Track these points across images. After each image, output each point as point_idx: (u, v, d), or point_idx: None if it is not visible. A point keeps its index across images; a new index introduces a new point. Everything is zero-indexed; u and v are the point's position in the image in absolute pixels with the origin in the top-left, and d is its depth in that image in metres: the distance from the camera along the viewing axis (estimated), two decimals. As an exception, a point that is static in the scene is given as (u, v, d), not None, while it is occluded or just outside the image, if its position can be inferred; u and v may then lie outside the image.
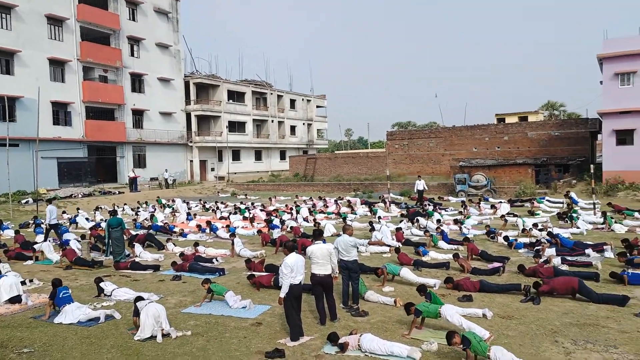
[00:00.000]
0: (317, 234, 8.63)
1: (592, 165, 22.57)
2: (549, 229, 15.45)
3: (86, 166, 39.07)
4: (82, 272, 12.90)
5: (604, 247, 12.65)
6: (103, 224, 17.95)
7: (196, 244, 15.40)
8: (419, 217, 18.84)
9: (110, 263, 13.63)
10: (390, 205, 24.57)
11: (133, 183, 37.09)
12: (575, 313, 8.28)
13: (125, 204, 28.42)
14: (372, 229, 16.41)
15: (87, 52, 37.99)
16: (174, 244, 16.18)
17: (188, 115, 47.85)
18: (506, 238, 14.64)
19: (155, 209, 26.65)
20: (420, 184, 26.60)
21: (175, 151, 46.38)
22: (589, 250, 12.49)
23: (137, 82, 43.12)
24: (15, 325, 8.59)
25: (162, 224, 20.51)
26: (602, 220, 17.20)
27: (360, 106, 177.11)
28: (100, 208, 27.25)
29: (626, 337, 7.11)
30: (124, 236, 14.56)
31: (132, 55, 42.54)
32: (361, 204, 26.23)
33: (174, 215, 24.41)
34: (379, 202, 26.14)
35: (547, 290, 9.09)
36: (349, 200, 27.00)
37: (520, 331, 7.52)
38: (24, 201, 29.73)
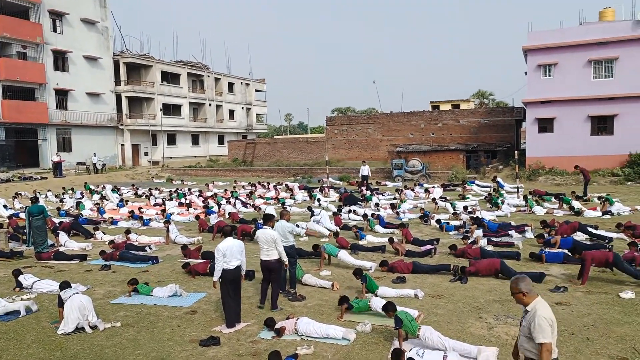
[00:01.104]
0: (266, 219, 8.41)
1: (516, 152, 23.97)
2: (477, 212, 16.31)
3: (4, 150, 36.16)
4: (-1, 264, 12.01)
5: (525, 228, 13.56)
6: (22, 214, 16.78)
7: (128, 231, 14.77)
8: (359, 202, 19.21)
9: (31, 253, 12.79)
10: (328, 191, 24.83)
11: (57, 168, 34.80)
12: (498, 290, 8.82)
13: (48, 190, 26.67)
14: (312, 214, 16.56)
15: (4, 26, 34.85)
16: (103, 232, 15.45)
17: (118, 97, 45.43)
18: (438, 221, 15.29)
19: (82, 196, 25.24)
20: (365, 169, 27.09)
21: (104, 134, 43.97)
22: (511, 232, 13.33)
23: (61, 60, 40.25)
24: None
25: (90, 212, 19.50)
26: (524, 203, 18.38)
27: (300, 91, 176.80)
28: (20, 194, 25.39)
29: (542, 311, 7.67)
30: (47, 225, 13.67)
31: (55, 31, 39.58)
32: (300, 189, 26.30)
33: (103, 202, 23.26)
34: (317, 188, 26.32)
35: (473, 272, 9.63)
36: (287, 185, 26.96)
37: (449, 309, 7.90)
38: None
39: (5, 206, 21.00)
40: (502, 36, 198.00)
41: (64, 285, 7.87)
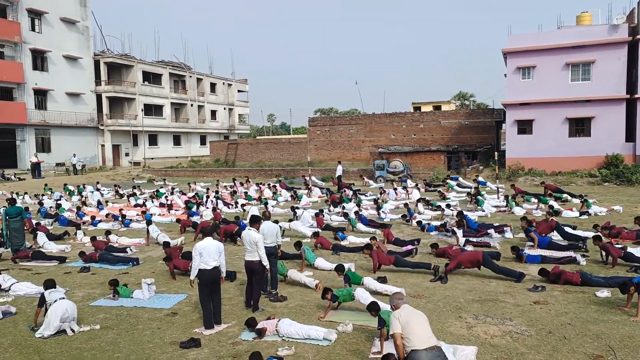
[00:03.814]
0: (252, 221, 8.39)
1: (496, 153, 24.33)
2: (457, 210, 16.56)
3: (-20, 150, 35.33)
4: (-26, 267, 11.73)
5: (504, 228, 13.77)
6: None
7: (108, 232, 14.57)
8: (343, 204, 19.30)
9: (9, 256, 12.52)
10: (312, 191, 24.84)
11: (36, 169, 34.16)
12: (477, 290, 8.95)
13: (25, 192, 26.12)
14: (295, 213, 16.58)
15: (-21, 23, 34.10)
16: (83, 233, 15.21)
17: (99, 97, 44.78)
18: (419, 222, 15.43)
19: (61, 197, 24.79)
20: (339, 170, 27.27)
21: (84, 135, 43.28)
22: (491, 231, 13.52)
23: (40, 59, 39.52)
24: None
25: (70, 213, 19.17)
26: (504, 203, 18.66)
27: (283, 92, 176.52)
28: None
29: (520, 310, 7.82)
30: (25, 226, 13.40)
31: (33, 30, 38.85)
32: (282, 188, 26.22)
33: (83, 206, 22.88)
34: (302, 188, 26.30)
35: (455, 266, 9.70)
36: (275, 186, 26.87)
37: (429, 309, 7.98)
38: None
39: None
40: (483, 39, 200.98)
41: (49, 284, 7.67)
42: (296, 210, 17.22)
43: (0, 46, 36.46)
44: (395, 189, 24.11)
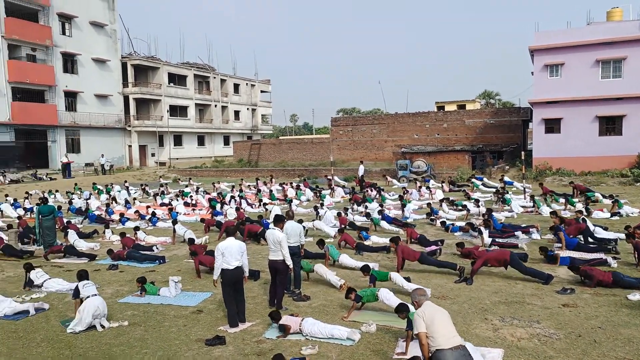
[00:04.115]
0: (276, 220, 8.44)
1: (523, 152, 23.86)
2: (486, 208, 16.34)
3: (14, 151, 36.49)
4: (9, 264, 12.18)
5: (531, 229, 13.49)
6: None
7: (137, 228, 14.95)
8: (366, 204, 19.29)
9: (41, 253, 12.92)
10: (335, 190, 24.85)
11: (66, 169, 35.13)
12: (503, 292, 8.80)
13: (56, 191, 26.90)
14: (317, 213, 16.65)
15: (13, 28, 35.24)
16: (112, 232, 15.57)
17: (126, 99, 45.74)
18: (443, 223, 15.27)
19: (90, 196, 25.43)
20: (361, 169, 27.28)
21: (112, 136, 44.29)
22: (518, 232, 13.27)
23: (70, 62, 40.61)
24: None
25: (98, 211, 19.66)
26: (531, 204, 18.29)
27: (306, 92, 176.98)
28: (30, 194, 25.63)
29: (548, 313, 7.66)
30: (56, 225, 13.82)
31: (64, 33, 39.94)
32: (305, 187, 26.30)
33: (113, 203, 23.44)
34: (325, 188, 26.32)
35: (481, 264, 9.53)
36: (298, 185, 27.00)
37: (454, 310, 7.89)
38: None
39: (15, 205, 21.23)
40: (509, 36, 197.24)
41: (82, 274, 7.83)
42: (319, 210, 17.26)
43: (32, 50, 37.63)
44: (419, 189, 23.92)
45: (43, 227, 13.24)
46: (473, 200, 17.99)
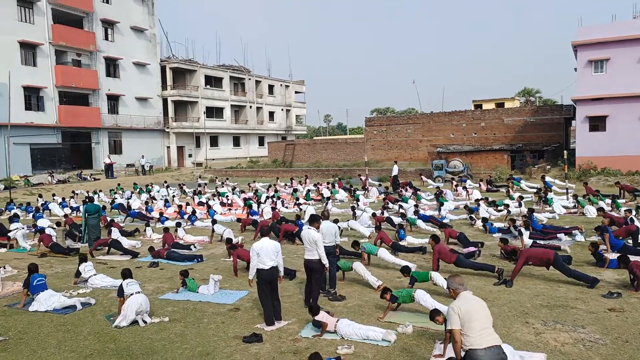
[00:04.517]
0: (312, 220, 8.47)
1: (565, 151, 23.06)
2: (527, 208, 15.91)
3: (60, 152, 38.16)
4: (57, 260, 12.73)
5: (574, 231, 13.02)
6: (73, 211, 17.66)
7: (179, 224, 15.45)
8: (401, 204, 19.12)
9: (86, 251, 13.44)
10: (369, 191, 24.75)
11: (109, 169, 36.43)
12: (545, 295, 8.54)
13: (100, 190, 27.96)
14: (354, 214, 16.66)
15: (60, 35, 36.84)
16: (152, 230, 16.04)
17: (165, 101, 47.03)
18: (485, 219, 14.91)
19: (131, 195, 26.29)
20: (395, 169, 27.07)
21: (151, 137, 45.62)
22: (560, 234, 12.84)
23: (112, 66, 42.09)
24: (-12, 314, 8.44)
25: (139, 209, 20.32)
26: (574, 204, 17.66)
27: (340, 92, 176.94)
28: (76, 194, 26.74)
29: (593, 318, 7.38)
30: (101, 223, 14.38)
31: (107, 39, 41.44)
32: (340, 187, 26.31)
33: (152, 201, 24.15)
34: (359, 188, 26.26)
35: (523, 262, 9.25)
36: (333, 184, 27.07)
37: (494, 313, 7.61)
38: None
39: (62, 204, 22.19)
40: (549, 31, 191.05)
41: (126, 273, 8.16)
42: (356, 210, 17.28)
43: (78, 55, 39.23)
44: (455, 188, 23.51)
45: (89, 225, 13.82)
46: (516, 197, 17.53)
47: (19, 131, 32.45)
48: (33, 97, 35.57)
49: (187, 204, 21.06)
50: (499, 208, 17.44)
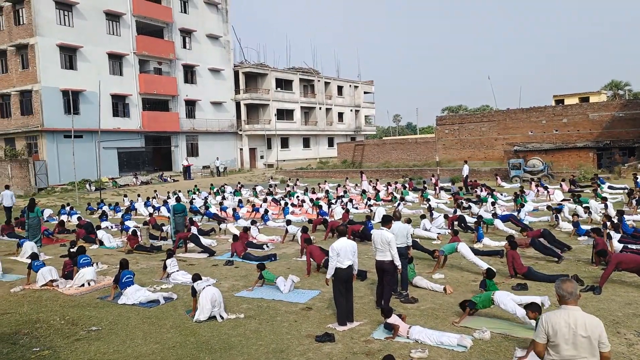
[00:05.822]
0: (385, 220, 8.44)
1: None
2: (617, 210, 14.75)
3: (144, 155, 40.82)
4: (142, 257, 13.60)
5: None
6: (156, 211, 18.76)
7: (253, 222, 15.98)
8: (470, 204, 18.47)
9: (171, 247, 14.24)
10: (439, 192, 24.11)
11: (187, 171, 38.44)
12: (639, 304, 7.86)
13: (179, 191, 29.52)
14: (431, 214, 16.55)
15: (143, 45, 39.46)
16: (227, 230, 16.67)
17: (237, 104, 48.81)
18: (576, 224, 13.84)
19: (208, 195, 27.54)
20: (465, 169, 26.14)
21: (225, 140, 47.53)
22: (656, 239, 11.75)
23: (189, 73, 44.37)
24: (84, 305, 9.20)
25: (215, 208, 21.24)
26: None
27: (409, 91, 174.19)
28: (157, 195, 28.42)
29: (697, 331, 6.69)
30: (185, 222, 15.22)
31: (184, 47, 43.75)
32: (410, 189, 25.87)
33: (224, 198, 25.17)
34: (429, 188, 25.67)
35: (613, 268, 8.58)
36: (405, 185, 26.72)
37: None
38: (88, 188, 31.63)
39: (147, 204, 23.73)
40: (638, 20, 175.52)
41: (196, 277, 8.71)
42: (433, 211, 17.00)
43: (159, 63, 41.79)
44: (537, 187, 22.30)
45: (176, 223, 14.69)
46: (600, 199, 16.30)
47: (108, 136, 35.13)
48: (120, 104, 38.37)
49: (260, 205, 21.68)
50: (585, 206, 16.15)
